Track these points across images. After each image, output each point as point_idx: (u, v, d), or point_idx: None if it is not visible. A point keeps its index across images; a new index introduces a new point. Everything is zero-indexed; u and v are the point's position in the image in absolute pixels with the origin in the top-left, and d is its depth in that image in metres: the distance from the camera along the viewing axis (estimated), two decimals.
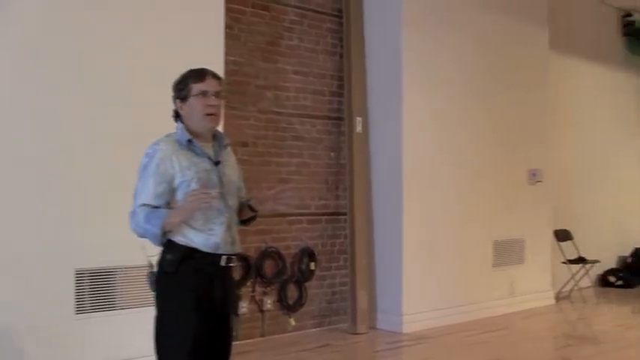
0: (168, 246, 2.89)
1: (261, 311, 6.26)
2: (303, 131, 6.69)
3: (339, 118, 6.99)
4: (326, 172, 6.87)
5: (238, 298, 5.88)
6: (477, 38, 7.58)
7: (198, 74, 2.95)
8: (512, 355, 6.05)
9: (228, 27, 5.81)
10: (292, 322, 6.43)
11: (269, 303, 6.29)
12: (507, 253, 7.84)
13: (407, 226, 6.75)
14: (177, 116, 3.00)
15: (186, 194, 2.82)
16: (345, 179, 6.95)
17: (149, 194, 2.84)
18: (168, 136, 2.96)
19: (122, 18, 4.92)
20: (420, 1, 6.99)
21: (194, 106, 2.92)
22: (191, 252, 2.86)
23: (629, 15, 10.67)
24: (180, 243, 2.87)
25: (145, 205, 2.84)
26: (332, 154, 6.93)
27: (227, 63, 5.62)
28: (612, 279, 9.81)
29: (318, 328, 6.73)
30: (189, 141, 2.92)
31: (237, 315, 5.82)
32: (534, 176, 8.14)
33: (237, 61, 6.16)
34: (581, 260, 8.73)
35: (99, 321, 4.74)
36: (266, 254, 6.28)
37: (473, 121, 7.46)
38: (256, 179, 6.00)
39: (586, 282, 8.98)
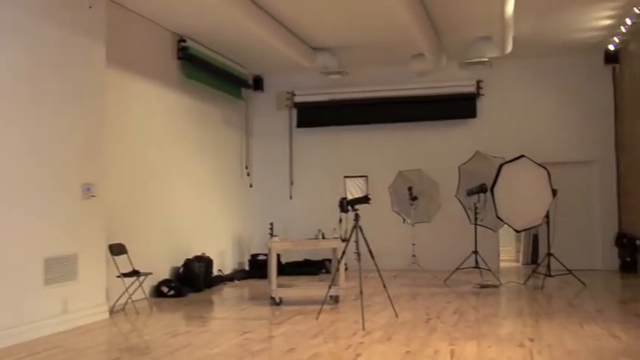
0: None
1: None
2: None
3: None
4: None
5: None
6: (29, 46, 7.27)
7: None
8: None
9: None
10: None
11: None
12: (60, 269, 7.64)
13: None
14: None
15: None
16: None
17: None
18: None
19: None
20: None
21: None
22: None
23: (184, 40, 11.40)
24: None
25: None
26: None
27: None
28: (165, 289, 10.29)
29: None
30: None
31: None
32: (89, 191, 8.10)
33: None
34: (135, 273, 8.98)
35: None
36: None
37: (17, 135, 7.13)
38: None
39: (140, 294, 9.24)
